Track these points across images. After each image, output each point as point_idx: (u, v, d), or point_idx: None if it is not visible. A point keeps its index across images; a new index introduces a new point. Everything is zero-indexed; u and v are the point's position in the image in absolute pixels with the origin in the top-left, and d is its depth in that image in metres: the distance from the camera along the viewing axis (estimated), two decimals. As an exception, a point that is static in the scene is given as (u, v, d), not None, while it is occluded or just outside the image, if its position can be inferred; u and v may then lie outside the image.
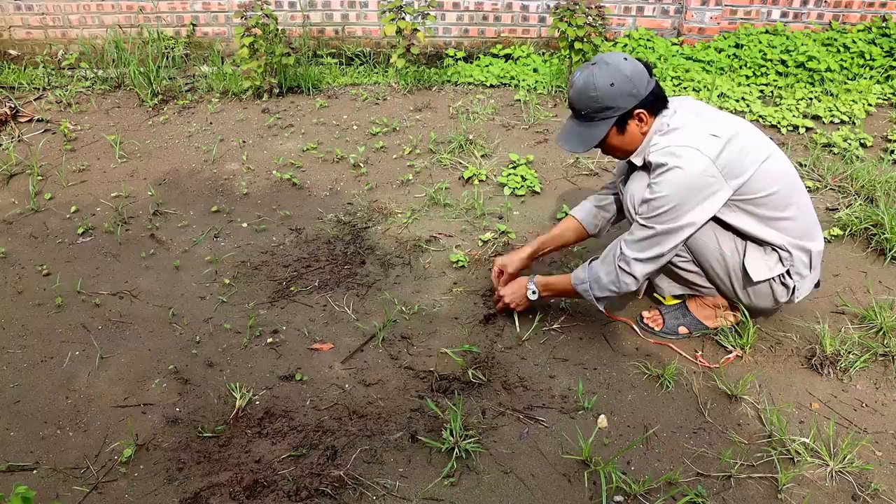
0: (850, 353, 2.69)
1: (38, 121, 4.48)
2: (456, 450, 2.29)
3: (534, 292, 2.79)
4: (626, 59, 2.46)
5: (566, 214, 3.23)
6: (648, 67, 2.50)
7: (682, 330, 2.82)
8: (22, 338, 2.79)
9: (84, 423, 2.43)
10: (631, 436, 2.40)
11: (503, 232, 3.40)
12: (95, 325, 2.86)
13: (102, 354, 2.71)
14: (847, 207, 3.58)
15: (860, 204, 3.57)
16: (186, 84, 4.98)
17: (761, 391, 2.57)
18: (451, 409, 2.40)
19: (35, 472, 2.27)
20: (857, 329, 2.83)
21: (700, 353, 2.73)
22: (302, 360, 2.69)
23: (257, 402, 2.51)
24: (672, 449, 2.35)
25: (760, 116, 4.55)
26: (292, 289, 3.05)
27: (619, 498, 2.19)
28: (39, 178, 3.84)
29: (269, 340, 2.78)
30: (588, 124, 2.52)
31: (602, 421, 2.44)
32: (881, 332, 2.80)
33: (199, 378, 2.62)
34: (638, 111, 2.46)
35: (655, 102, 2.49)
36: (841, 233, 3.39)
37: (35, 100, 4.75)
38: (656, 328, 2.84)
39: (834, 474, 2.26)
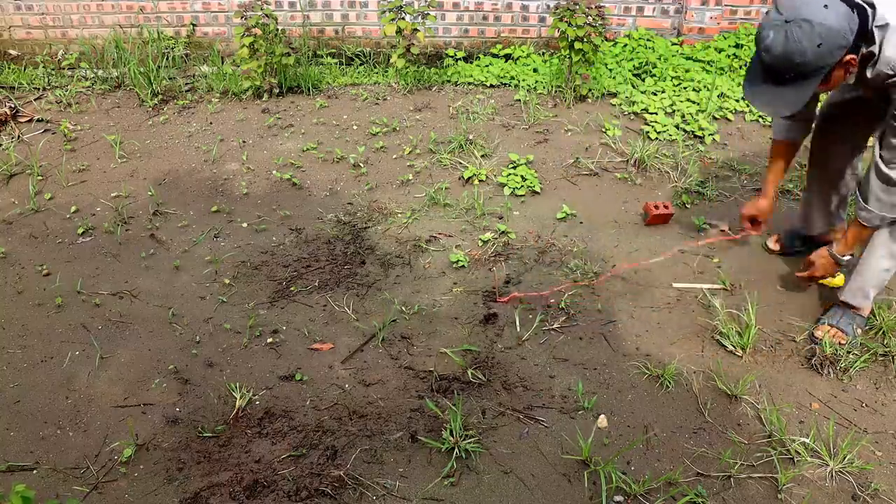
0: (849, 353, 2.69)
1: (38, 121, 4.47)
2: (456, 450, 2.29)
3: (842, 256, 2.75)
4: (826, 6, 2.23)
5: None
6: (850, 1, 2.28)
7: (860, 332, 2.82)
8: (22, 338, 2.79)
9: (84, 423, 2.43)
10: (631, 436, 2.40)
11: (503, 232, 3.40)
12: (95, 325, 2.86)
13: (102, 354, 2.71)
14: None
15: (860, 204, 3.57)
16: (186, 84, 4.97)
17: (761, 391, 2.57)
18: (451, 409, 2.40)
19: (35, 471, 2.27)
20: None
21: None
22: (302, 360, 2.70)
23: (257, 402, 2.51)
24: (672, 449, 2.35)
25: (761, 116, 4.55)
26: (292, 289, 3.05)
27: (619, 498, 2.19)
28: (39, 178, 3.84)
29: (269, 340, 2.78)
30: (792, 86, 2.34)
31: (602, 421, 2.44)
32: (881, 332, 2.80)
33: (199, 378, 2.62)
34: (848, 58, 2.31)
35: (864, 34, 2.31)
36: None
37: (35, 100, 4.75)
38: (843, 342, 2.77)
39: (834, 474, 2.26)
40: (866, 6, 2.30)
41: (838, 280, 3.05)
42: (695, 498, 2.17)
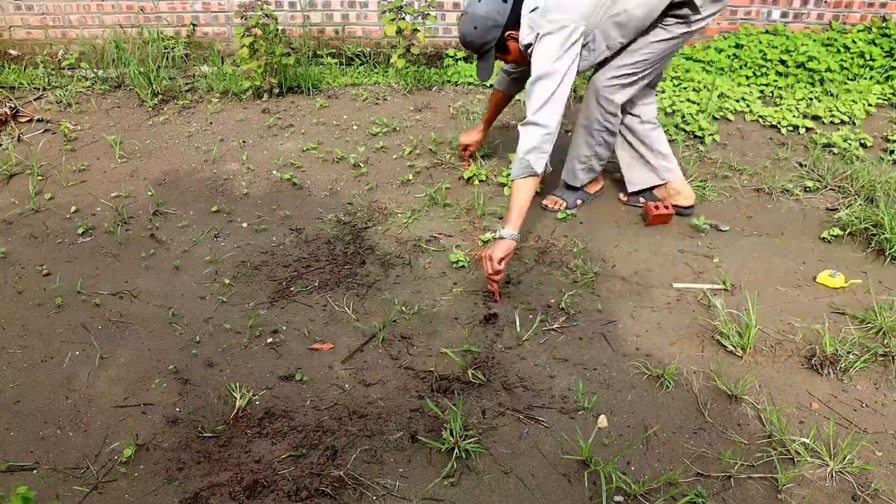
0: (850, 353, 2.69)
1: (38, 121, 4.48)
2: (456, 450, 2.29)
3: (501, 230, 2.98)
4: (480, 0, 3.04)
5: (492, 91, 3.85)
6: None
7: (579, 202, 3.66)
8: (22, 338, 2.79)
9: (84, 423, 2.43)
10: (631, 436, 2.40)
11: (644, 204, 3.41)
12: (95, 325, 2.86)
13: (102, 354, 2.71)
14: (847, 208, 3.58)
15: (860, 204, 3.57)
16: (186, 84, 4.98)
17: (761, 391, 2.57)
18: (451, 409, 2.40)
19: (35, 472, 2.27)
20: (857, 329, 2.83)
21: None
22: (302, 360, 2.70)
23: (257, 402, 2.51)
24: (672, 449, 2.35)
25: (761, 117, 4.55)
26: (292, 289, 3.05)
27: (619, 498, 2.19)
28: (39, 178, 3.84)
29: (269, 340, 2.78)
30: (483, 59, 3.19)
31: (602, 421, 2.44)
32: (881, 333, 2.80)
33: (199, 378, 2.62)
34: (508, 34, 3.08)
35: (515, 19, 3.05)
36: (841, 233, 3.39)
37: (35, 100, 4.75)
38: (558, 208, 3.62)
39: (834, 474, 2.26)
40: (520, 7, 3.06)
41: (838, 280, 3.05)
42: (695, 498, 2.17)
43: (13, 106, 4.54)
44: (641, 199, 3.62)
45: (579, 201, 3.66)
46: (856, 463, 2.27)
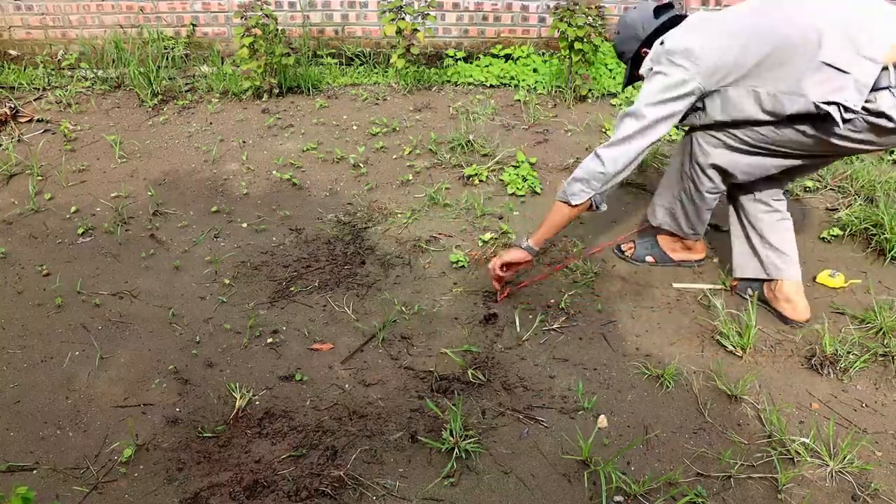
0: (849, 353, 2.69)
1: (38, 121, 4.48)
2: (456, 450, 2.29)
3: (526, 244, 2.87)
4: (635, 7, 2.89)
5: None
6: (658, 10, 2.84)
7: (649, 259, 3.23)
8: (22, 338, 2.79)
9: (84, 424, 2.43)
10: (631, 436, 2.40)
11: (504, 232, 3.40)
12: (95, 325, 2.86)
13: (102, 354, 2.71)
14: (847, 208, 3.58)
15: (860, 204, 3.57)
16: (186, 84, 4.98)
17: (761, 391, 2.57)
18: (451, 409, 2.40)
19: (35, 472, 2.27)
20: (857, 329, 2.83)
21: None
22: (302, 361, 2.70)
23: (257, 403, 2.51)
24: (672, 449, 2.35)
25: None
26: (292, 289, 3.05)
27: (619, 498, 2.19)
28: (39, 178, 3.84)
29: (269, 340, 2.78)
30: (626, 66, 3.01)
31: (602, 421, 2.44)
32: (881, 333, 2.80)
33: (199, 378, 2.62)
34: (643, 50, 2.85)
35: (656, 38, 2.76)
36: (841, 233, 3.39)
37: (35, 100, 4.75)
38: (629, 254, 3.26)
39: (834, 474, 2.26)
40: (680, 17, 2.83)
41: (838, 280, 3.05)
42: (695, 498, 2.17)
43: (13, 106, 4.54)
44: (749, 291, 2.98)
45: (649, 258, 3.24)
46: (856, 463, 2.27)
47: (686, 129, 2.87)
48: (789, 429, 2.41)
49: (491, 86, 5.02)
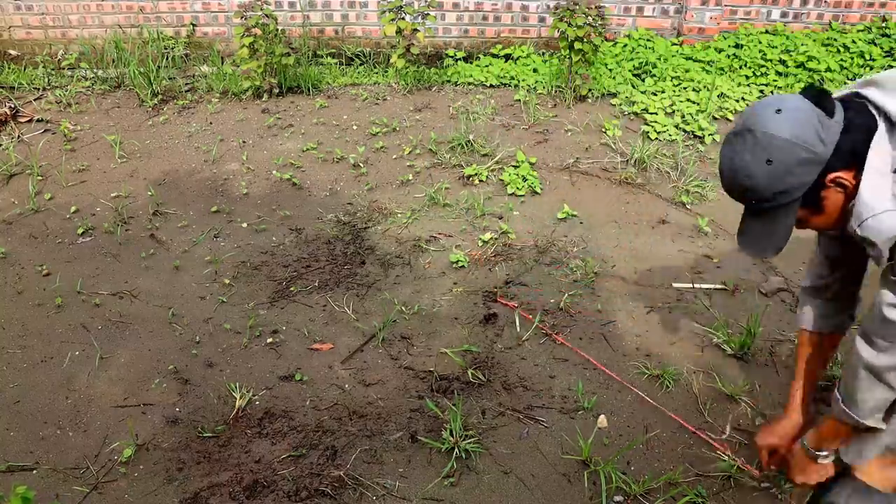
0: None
1: (37, 121, 4.47)
2: (456, 450, 2.29)
3: (821, 454, 1.92)
4: (778, 110, 1.63)
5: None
6: (823, 100, 1.65)
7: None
8: (22, 338, 2.79)
9: (84, 423, 2.43)
10: (631, 436, 2.40)
11: (503, 232, 3.40)
12: (95, 325, 2.86)
13: (102, 354, 2.71)
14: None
15: (860, 204, 3.56)
16: (186, 84, 4.97)
17: (761, 392, 2.57)
18: (451, 409, 2.40)
19: (35, 472, 2.27)
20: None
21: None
22: (302, 361, 2.70)
23: (257, 403, 2.51)
24: (672, 449, 2.35)
25: (760, 117, 4.55)
26: (292, 289, 3.05)
27: (618, 498, 2.19)
28: (39, 178, 3.84)
29: (269, 340, 2.78)
30: (765, 217, 1.74)
31: (602, 421, 2.44)
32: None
33: (199, 378, 2.62)
34: (831, 177, 1.65)
35: (854, 151, 1.63)
36: (841, 233, 3.39)
37: (35, 100, 4.75)
38: None
39: (834, 474, 2.25)
40: (868, 105, 1.67)
41: None
42: (695, 498, 2.17)
43: (13, 106, 4.53)
44: None
45: None
46: (856, 463, 2.26)
47: None
48: (789, 429, 2.41)
49: (491, 86, 5.02)
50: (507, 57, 5.40)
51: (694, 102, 4.62)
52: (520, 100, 4.73)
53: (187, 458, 2.31)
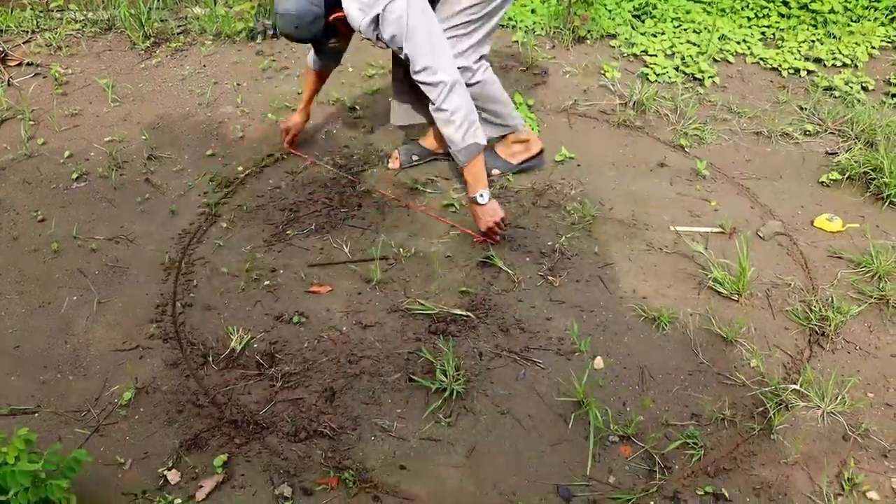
0: (845, 296, 2.70)
1: (27, 64, 4.40)
2: (452, 391, 2.32)
3: (482, 195, 2.84)
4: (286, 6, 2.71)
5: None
6: None
7: (495, 171, 3.32)
8: (19, 283, 2.80)
9: (84, 368, 2.45)
10: (626, 377, 2.42)
11: (501, 174, 3.38)
12: (92, 269, 2.86)
13: (100, 299, 2.71)
14: (846, 152, 3.55)
15: (860, 148, 3.54)
16: (179, 26, 4.88)
17: (756, 334, 2.58)
18: (448, 351, 2.42)
19: (37, 415, 2.30)
20: (854, 273, 2.84)
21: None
22: (300, 303, 2.70)
23: (255, 345, 2.52)
24: (667, 390, 2.38)
25: (762, 59, 4.49)
26: (289, 232, 3.04)
27: (613, 438, 2.22)
28: (31, 122, 3.79)
29: (267, 283, 2.79)
30: (320, 52, 3.17)
31: (598, 362, 2.47)
32: (877, 277, 2.81)
33: (198, 321, 2.63)
34: (333, 17, 2.80)
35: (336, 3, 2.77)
36: (840, 177, 3.37)
37: (24, 43, 4.66)
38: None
39: (825, 415, 2.29)
40: None
41: (836, 225, 3.05)
42: (688, 439, 2.20)
43: (1, 49, 4.46)
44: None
45: (496, 171, 3.35)
46: (847, 404, 2.30)
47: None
48: (783, 371, 2.43)
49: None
50: (505, -3, 5.29)
51: (694, 44, 4.55)
52: (517, 41, 4.66)
53: (186, 400, 2.33)
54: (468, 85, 2.93)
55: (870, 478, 2.13)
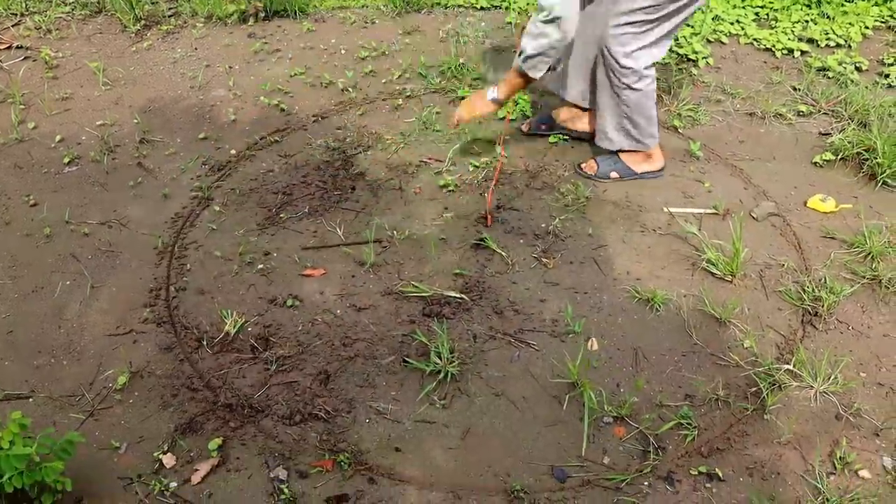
0: (838, 277, 2.71)
1: (17, 48, 4.36)
2: (447, 373, 2.32)
3: (493, 91, 2.96)
4: None
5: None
6: None
7: (614, 175, 3.23)
8: (12, 268, 2.79)
9: (77, 352, 2.45)
10: (621, 358, 2.43)
11: (495, 157, 3.37)
12: (85, 254, 2.85)
13: (93, 284, 2.71)
14: (840, 132, 3.55)
15: (853, 129, 3.54)
16: (170, 9, 4.84)
17: (749, 315, 2.59)
18: (442, 333, 2.42)
19: (31, 400, 2.30)
20: (847, 253, 2.85)
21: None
22: (293, 287, 2.70)
23: (249, 329, 2.52)
24: (661, 371, 2.39)
25: (755, 39, 4.47)
26: (282, 215, 3.03)
27: (607, 419, 2.23)
28: (22, 106, 3.77)
29: (260, 267, 2.78)
30: None
31: (592, 344, 2.47)
32: (870, 257, 2.81)
33: (191, 305, 2.62)
34: None
35: None
36: (833, 157, 3.37)
37: (13, 26, 4.62)
38: (591, 173, 3.24)
39: (818, 395, 2.30)
40: None
41: (829, 205, 3.05)
42: (682, 419, 2.21)
43: (-9, 32, 4.42)
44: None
45: (614, 174, 3.23)
46: (840, 383, 2.31)
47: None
48: (775, 351, 2.44)
49: (481, 8, 4.90)
50: (499, -22, 5.26)
51: (688, 25, 4.53)
52: (511, 22, 4.63)
53: (181, 384, 2.33)
54: (630, 88, 2.95)
55: (861, 456, 2.15)
